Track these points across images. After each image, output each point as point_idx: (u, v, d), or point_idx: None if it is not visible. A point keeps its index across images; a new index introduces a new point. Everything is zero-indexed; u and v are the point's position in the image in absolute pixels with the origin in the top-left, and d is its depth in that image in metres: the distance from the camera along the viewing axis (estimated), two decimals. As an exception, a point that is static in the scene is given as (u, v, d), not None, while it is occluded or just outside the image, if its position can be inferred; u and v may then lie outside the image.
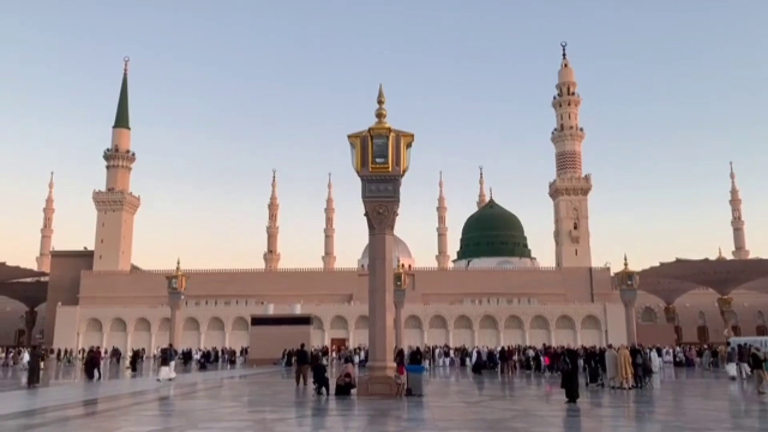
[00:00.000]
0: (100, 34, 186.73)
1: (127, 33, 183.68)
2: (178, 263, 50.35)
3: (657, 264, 76.26)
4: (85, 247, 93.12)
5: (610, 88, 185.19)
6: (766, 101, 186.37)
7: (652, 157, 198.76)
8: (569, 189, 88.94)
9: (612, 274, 72.55)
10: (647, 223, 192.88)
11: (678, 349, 52.01)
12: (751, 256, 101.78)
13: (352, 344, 65.50)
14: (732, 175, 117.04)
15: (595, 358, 29.36)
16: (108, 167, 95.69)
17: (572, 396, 17.97)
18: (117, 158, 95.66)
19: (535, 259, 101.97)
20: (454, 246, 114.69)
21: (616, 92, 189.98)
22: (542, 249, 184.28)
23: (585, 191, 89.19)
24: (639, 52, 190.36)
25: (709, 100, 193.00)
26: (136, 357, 37.19)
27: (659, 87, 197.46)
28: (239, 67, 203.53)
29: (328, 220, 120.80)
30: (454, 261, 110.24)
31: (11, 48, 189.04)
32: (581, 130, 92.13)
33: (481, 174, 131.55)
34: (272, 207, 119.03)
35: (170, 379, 28.80)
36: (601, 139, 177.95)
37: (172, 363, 30.50)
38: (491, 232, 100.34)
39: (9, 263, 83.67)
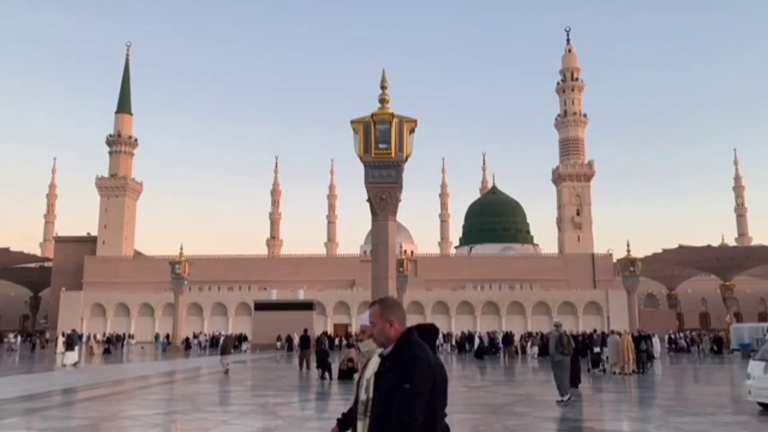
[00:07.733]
0: (103, 18, 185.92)
1: (129, 18, 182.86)
2: (181, 249, 50.54)
3: (659, 250, 76.32)
4: (88, 233, 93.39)
5: (614, 73, 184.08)
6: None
7: (655, 143, 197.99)
8: (572, 175, 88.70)
9: (614, 261, 72.55)
10: (650, 210, 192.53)
11: (680, 335, 52.18)
12: (754, 242, 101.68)
13: (354, 330, 65.74)
14: (736, 162, 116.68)
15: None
16: (110, 153, 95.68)
17: (574, 381, 18.04)
18: (119, 144, 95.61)
19: (537, 245, 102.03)
20: (456, 232, 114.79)
21: (619, 78, 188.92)
22: (545, 235, 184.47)
23: (588, 177, 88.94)
24: (643, 38, 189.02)
25: (714, 86, 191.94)
26: None
27: (663, 73, 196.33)
28: (242, 53, 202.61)
29: (331, 206, 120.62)
30: (456, 247, 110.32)
31: (13, 33, 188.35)
32: (584, 116, 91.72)
33: (483, 160, 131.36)
34: (275, 193, 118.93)
35: (74, 365, 28.64)
36: (605, 125, 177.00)
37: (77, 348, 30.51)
38: (494, 219, 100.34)
39: (13, 249, 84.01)
